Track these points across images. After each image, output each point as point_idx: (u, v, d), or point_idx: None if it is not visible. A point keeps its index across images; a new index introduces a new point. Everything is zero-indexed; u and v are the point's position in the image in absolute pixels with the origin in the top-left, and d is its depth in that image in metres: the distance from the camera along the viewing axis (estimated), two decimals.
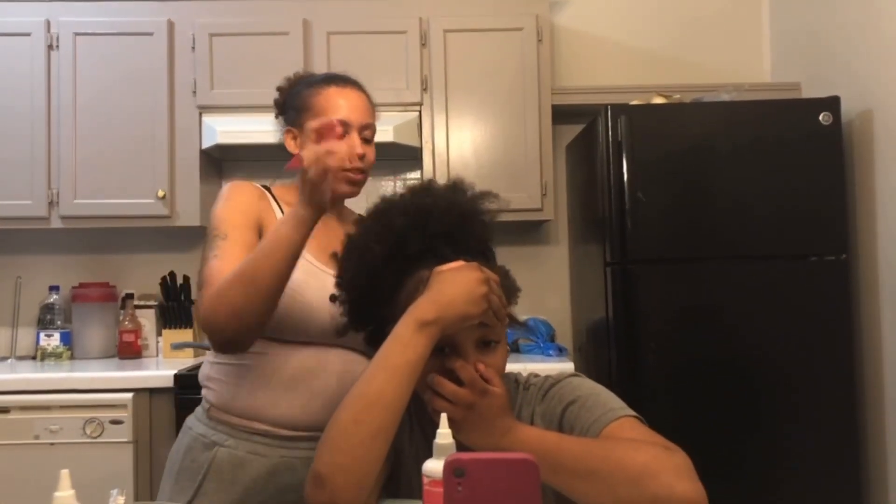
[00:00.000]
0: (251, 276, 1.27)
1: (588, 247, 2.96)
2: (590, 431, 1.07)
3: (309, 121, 1.53)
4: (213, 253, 1.39)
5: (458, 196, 1.18)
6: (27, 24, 2.98)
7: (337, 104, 1.54)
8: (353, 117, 1.54)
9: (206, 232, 1.46)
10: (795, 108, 2.67)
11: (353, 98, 1.57)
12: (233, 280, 1.28)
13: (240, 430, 1.45)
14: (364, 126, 1.56)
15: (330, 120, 1.41)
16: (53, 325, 3.17)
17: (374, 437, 1.01)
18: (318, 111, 1.54)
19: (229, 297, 1.27)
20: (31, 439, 2.55)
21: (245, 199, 1.49)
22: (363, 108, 1.58)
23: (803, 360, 2.52)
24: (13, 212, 2.95)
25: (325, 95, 1.55)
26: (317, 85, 1.58)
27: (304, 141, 1.52)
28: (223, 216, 1.45)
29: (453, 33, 3.02)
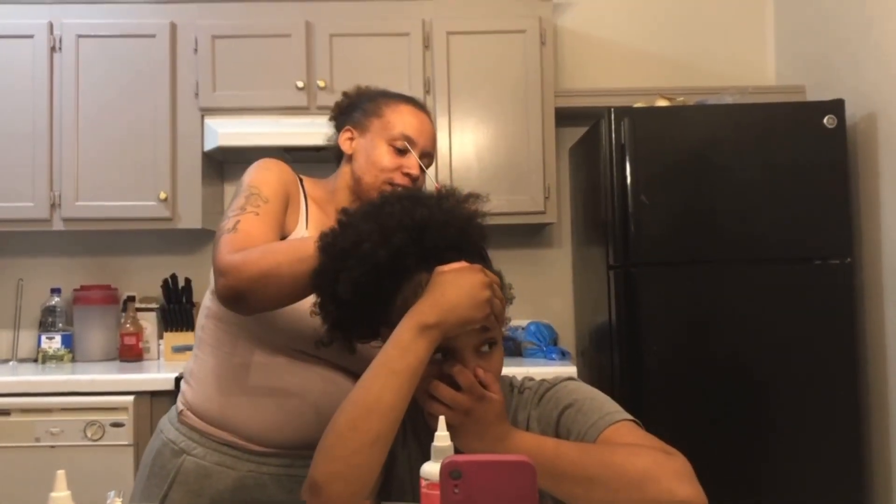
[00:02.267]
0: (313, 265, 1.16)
1: (591, 250, 2.95)
2: (587, 436, 1.06)
3: (378, 126, 1.53)
4: (254, 209, 1.34)
5: (452, 204, 1.14)
6: (30, 27, 2.98)
7: (409, 121, 1.54)
8: (421, 139, 1.54)
9: (237, 189, 1.41)
10: (799, 110, 2.65)
11: (426, 123, 1.57)
12: (287, 249, 1.24)
13: (210, 438, 1.41)
14: (428, 153, 1.56)
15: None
16: (55, 328, 3.16)
17: (372, 445, 0.99)
18: (388, 121, 1.53)
19: (274, 259, 1.21)
20: (32, 442, 2.55)
21: (285, 177, 1.45)
22: (431, 135, 1.58)
23: (807, 365, 2.51)
24: (15, 214, 2.95)
25: (400, 111, 1.55)
26: (395, 99, 1.59)
27: (364, 143, 1.53)
28: (266, 179, 1.41)
29: (456, 35, 3.02)
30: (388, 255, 1.06)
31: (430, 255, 1.07)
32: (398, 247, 1.06)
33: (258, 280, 1.20)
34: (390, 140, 1.51)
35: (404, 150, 1.51)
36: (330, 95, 2.95)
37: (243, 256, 1.23)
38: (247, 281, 1.21)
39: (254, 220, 1.32)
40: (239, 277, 1.21)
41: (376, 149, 1.52)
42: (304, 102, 2.96)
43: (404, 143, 1.51)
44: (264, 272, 1.20)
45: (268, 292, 1.22)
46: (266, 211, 1.35)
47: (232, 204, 1.37)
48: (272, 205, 1.37)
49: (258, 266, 1.21)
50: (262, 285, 1.21)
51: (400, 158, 1.51)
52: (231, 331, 1.42)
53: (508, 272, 1.20)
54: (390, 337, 1.03)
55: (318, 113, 2.95)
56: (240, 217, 1.32)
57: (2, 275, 3.30)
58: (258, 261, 1.21)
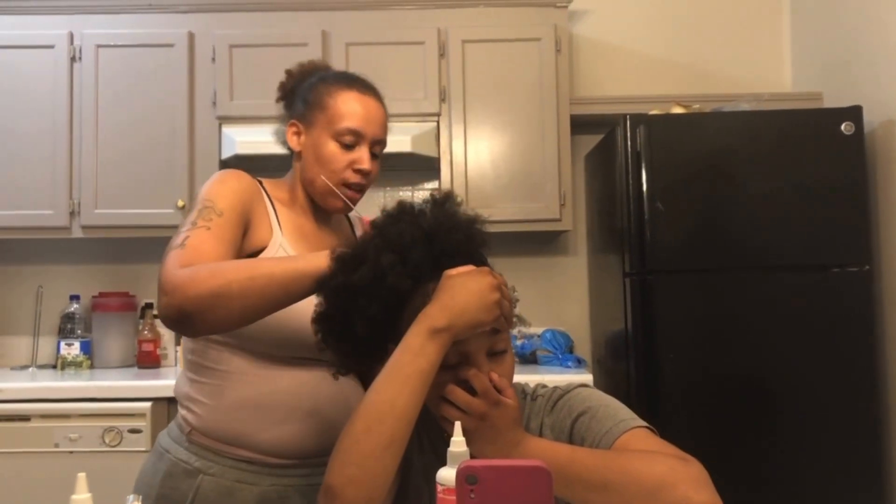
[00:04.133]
0: (262, 283, 1.13)
1: (607, 257, 2.94)
2: (601, 443, 1.06)
3: (322, 120, 1.43)
4: (205, 224, 1.25)
5: (454, 208, 1.14)
6: (51, 37, 3.02)
7: (354, 111, 1.43)
8: (369, 129, 1.44)
9: (191, 205, 1.34)
10: (817, 117, 2.64)
11: (373, 109, 1.46)
12: (238, 268, 1.16)
13: (226, 456, 1.35)
14: (376, 141, 1.46)
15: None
16: (74, 334, 3.19)
17: (386, 449, 0.99)
18: (332, 114, 1.43)
19: (224, 279, 1.13)
20: (51, 447, 2.57)
21: (242, 188, 1.37)
22: (380, 121, 1.47)
23: (825, 373, 2.49)
24: (35, 221, 2.99)
25: (343, 99, 1.44)
26: (336, 84, 1.47)
27: (310, 140, 1.44)
28: (220, 192, 1.33)
29: (471, 44, 3.03)
30: (413, 280, 1.06)
31: (439, 262, 1.07)
32: (418, 267, 1.06)
33: (205, 300, 1.12)
34: (336, 135, 1.42)
35: (353, 144, 1.42)
36: None
37: (190, 274, 1.14)
38: (193, 300, 1.12)
39: (204, 234, 1.24)
40: (184, 296, 1.12)
41: (324, 147, 1.43)
42: None
43: (352, 138, 1.42)
44: (213, 292, 1.12)
45: (216, 314, 1.13)
46: (218, 225, 1.27)
47: (184, 219, 1.29)
48: (226, 218, 1.29)
49: (205, 286, 1.12)
50: (210, 306, 1.12)
51: (350, 154, 1.42)
52: (228, 349, 1.36)
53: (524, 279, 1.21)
54: (401, 342, 1.03)
55: None
56: (190, 233, 1.24)
57: (22, 282, 3.33)
58: (206, 279, 1.13)
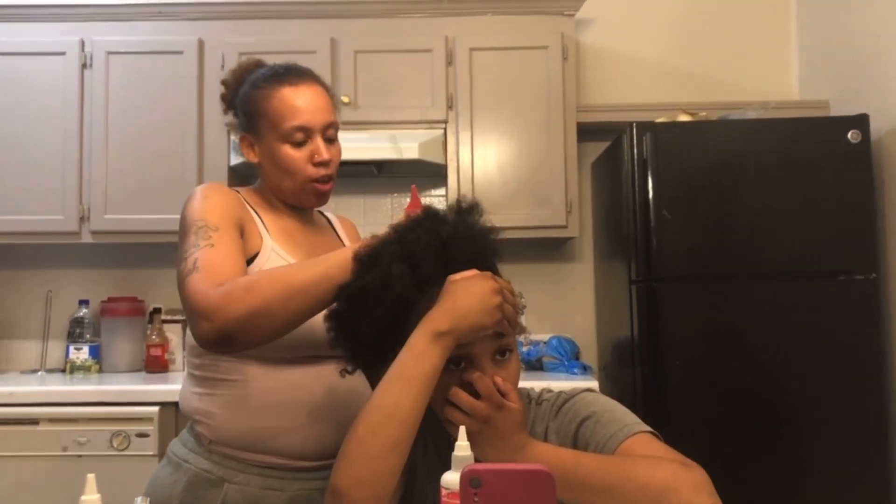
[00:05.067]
0: (302, 294, 1.14)
1: (613, 264, 2.95)
2: (605, 448, 1.06)
3: (266, 127, 1.40)
4: (207, 242, 1.24)
5: (475, 219, 1.15)
6: (62, 44, 3.05)
7: (293, 107, 1.38)
8: (314, 119, 1.39)
9: (181, 226, 1.32)
10: (824, 125, 2.64)
11: (311, 96, 1.40)
12: (272, 282, 1.15)
13: (250, 464, 1.32)
14: (326, 126, 1.42)
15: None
16: (82, 339, 3.21)
17: (392, 450, 1.01)
18: (273, 118, 1.39)
19: (259, 294, 1.13)
20: (60, 451, 2.58)
21: (226, 199, 1.36)
22: (323, 105, 1.42)
23: (831, 381, 2.48)
24: (45, 227, 3.01)
25: (278, 98, 1.39)
26: (266, 85, 1.42)
27: (264, 149, 1.42)
28: (207, 208, 1.31)
29: (479, 52, 3.04)
30: (420, 290, 1.07)
31: (449, 271, 1.08)
32: (427, 276, 1.07)
33: (247, 320, 1.13)
34: (285, 138, 1.39)
35: (304, 139, 1.39)
36: (355, 111, 2.99)
37: (225, 295, 1.14)
38: (235, 321, 1.12)
39: (211, 253, 1.22)
40: (226, 318, 1.12)
41: (277, 152, 1.40)
42: None
43: (301, 135, 1.39)
44: (254, 311, 1.12)
45: (258, 332, 1.15)
46: (220, 239, 1.25)
47: (183, 245, 1.27)
48: (224, 230, 1.28)
49: (245, 304, 1.12)
50: (253, 325, 1.13)
51: (304, 150, 1.39)
52: (240, 359, 1.34)
53: (530, 286, 1.21)
54: (405, 344, 1.05)
55: (342, 129, 2.95)
56: (196, 255, 1.22)
57: (32, 286, 3.36)
58: (244, 298, 1.13)
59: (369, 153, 2.97)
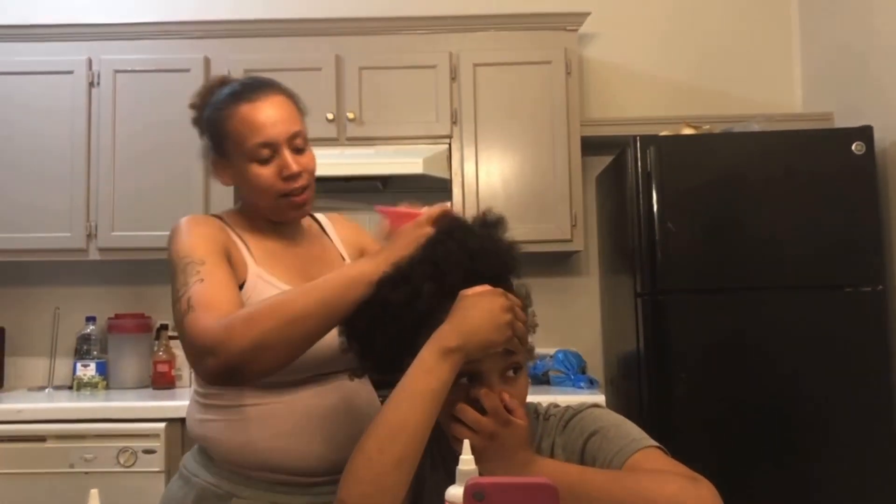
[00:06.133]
0: (293, 315, 1.14)
1: (618, 278, 2.95)
2: (612, 463, 1.06)
3: (232, 148, 1.37)
4: (196, 278, 1.23)
5: (501, 232, 1.16)
6: (70, 63, 3.08)
7: (253, 124, 1.34)
8: (276, 132, 1.35)
9: (170, 266, 1.31)
10: (827, 137, 2.65)
11: (270, 109, 1.36)
12: (267, 311, 1.15)
13: (257, 479, 1.33)
14: (294, 136, 1.37)
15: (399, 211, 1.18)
16: (90, 356, 3.22)
17: (399, 466, 1.01)
18: (235, 139, 1.36)
19: (261, 324, 1.12)
20: (67, 468, 2.58)
21: (206, 230, 1.35)
22: (285, 116, 1.37)
23: (838, 394, 2.47)
24: (53, 244, 3.03)
25: (237, 118, 1.36)
26: (225, 106, 1.39)
27: (234, 171, 1.40)
28: (193, 244, 1.30)
29: (483, 67, 3.06)
30: (442, 303, 1.07)
31: (472, 283, 1.08)
32: (453, 288, 1.07)
33: (251, 352, 1.12)
34: (251, 157, 1.35)
35: (270, 155, 1.35)
36: (360, 127, 3.01)
37: (226, 329, 1.13)
38: (239, 355, 1.12)
39: (202, 287, 1.21)
40: (230, 352, 1.12)
41: (247, 173, 1.37)
42: (334, 134, 3.02)
43: (267, 151, 1.35)
44: (256, 343, 1.12)
45: (263, 364, 1.15)
46: (209, 271, 1.24)
47: (174, 285, 1.26)
48: (211, 262, 1.26)
49: (248, 337, 1.12)
50: (257, 357, 1.13)
51: (273, 165, 1.35)
52: (242, 388, 1.35)
53: (536, 300, 1.21)
54: (414, 360, 1.05)
55: (347, 144, 3.01)
56: (188, 293, 1.21)
57: (39, 303, 3.37)
58: (245, 331, 1.12)
59: (374, 168, 2.98)
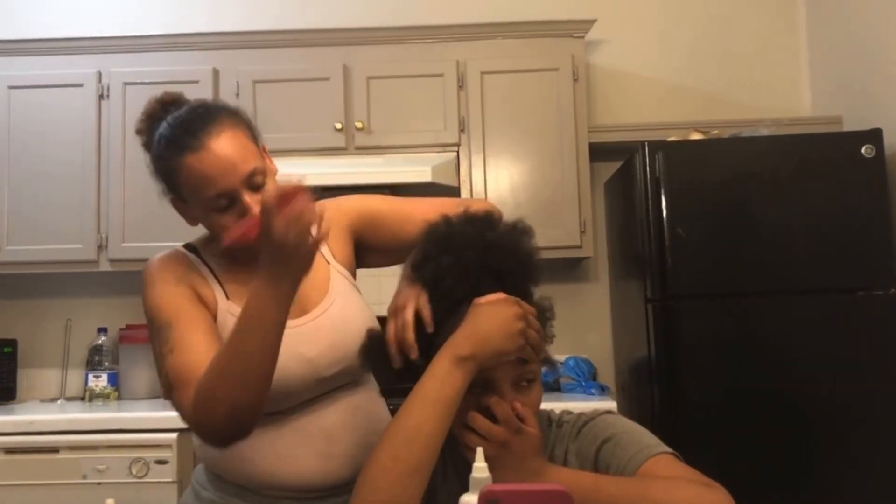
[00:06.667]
0: (239, 367, 1.13)
1: (628, 283, 2.94)
2: (626, 469, 1.05)
3: (188, 196, 1.31)
4: (167, 347, 1.23)
5: (521, 234, 1.17)
6: (80, 76, 3.10)
7: (204, 178, 1.25)
8: (230, 182, 1.24)
9: (146, 318, 1.32)
10: (837, 141, 2.64)
11: (218, 156, 1.25)
12: (218, 375, 1.14)
13: (262, 494, 1.34)
14: (249, 176, 1.26)
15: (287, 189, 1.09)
16: (101, 367, 3.23)
17: (413, 474, 1.00)
18: (189, 191, 1.29)
19: (221, 394, 1.13)
20: (80, 479, 2.59)
21: (171, 276, 1.33)
22: (236, 157, 1.26)
23: (852, 398, 2.46)
24: (64, 256, 3.05)
25: (185, 171, 1.27)
26: (169, 157, 1.30)
27: (196, 214, 1.33)
28: (157, 304, 1.29)
29: (490, 75, 3.07)
30: (468, 284, 1.09)
31: (488, 276, 1.09)
32: (468, 268, 1.09)
33: (227, 419, 1.15)
34: (209, 207, 1.28)
35: (228, 203, 1.26)
36: (368, 136, 3.02)
37: (195, 412, 1.16)
38: (220, 430, 1.17)
39: (174, 359, 1.22)
40: (211, 431, 1.18)
41: (207, 220, 1.32)
42: (343, 143, 3.03)
43: (224, 200, 1.26)
44: (226, 410, 1.14)
45: (245, 418, 1.17)
46: (178, 339, 1.23)
47: (152, 346, 1.28)
48: (178, 323, 1.25)
49: (215, 411, 1.14)
50: (234, 418, 1.15)
51: (233, 212, 1.27)
52: None
53: None
54: (427, 368, 1.05)
55: (356, 153, 3.02)
56: (165, 368, 1.23)
57: (51, 315, 3.39)
58: (208, 407, 1.14)
59: (382, 177, 2.98)
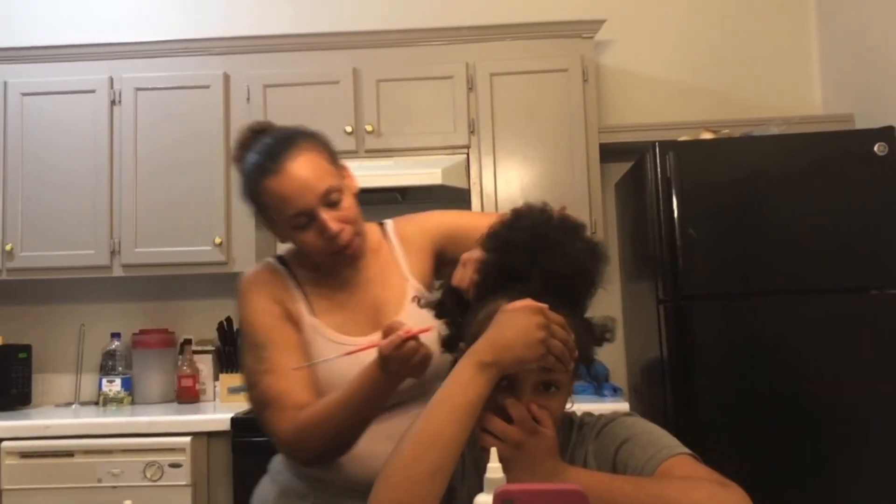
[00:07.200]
0: (336, 428, 1.30)
1: (640, 285, 2.93)
2: (644, 470, 1.05)
3: (272, 216, 1.42)
4: (263, 367, 1.37)
5: (586, 251, 1.20)
6: (92, 82, 3.12)
7: (283, 199, 1.36)
8: (307, 201, 1.35)
9: (241, 332, 1.47)
10: (849, 139, 2.62)
11: (296, 177, 1.35)
12: (316, 426, 1.30)
13: (335, 486, 1.42)
14: (325, 195, 1.37)
15: (394, 339, 1.23)
16: (115, 371, 3.25)
17: (433, 476, 1.01)
18: (272, 212, 1.41)
19: (317, 439, 1.31)
20: (95, 483, 2.61)
21: (264, 293, 1.44)
22: (313, 178, 1.36)
23: (866, 398, 2.44)
24: (77, 261, 3.07)
25: (268, 194, 1.38)
26: (254, 181, 1.40)
27: (285, 235, 1.44)
28: (252, 320, 1.42)
29: (499, 76, 3.07)
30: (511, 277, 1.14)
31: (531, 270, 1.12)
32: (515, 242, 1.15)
33: (319, 453, 1.34)
34: (291, 227, 1.39)
35: (307, 222, 1.37)
36: (378, 139, 3.03)
37: (295, 441, 1.33)
38: (313, 457, 1.35)
39: (271, 382, 1.36)
40: (305, 456, 1.35)
41: (293, 237, 1.42)
42: (353, 146, 3.03)
43: (303, 219, 1.37)
44: (317, 452, 1.34)
45: (333, 454, 1.36)
46: (273, 360, 1.37)
47: (245, 360, 1.43)
48: (272, 343, 1.39)
49: (311, 447, 1.32)
50: (325, 454, 1.35)
51: (312, 229, 1.38)
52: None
53: None
54: (451, 372, 1.06)
55: (366, 156, 3.03)
56: (261, 385, 1.37)
57: (65, 320, 3.41)
58: (308, 444, 1.32)
59: (393, 180, 2.99)
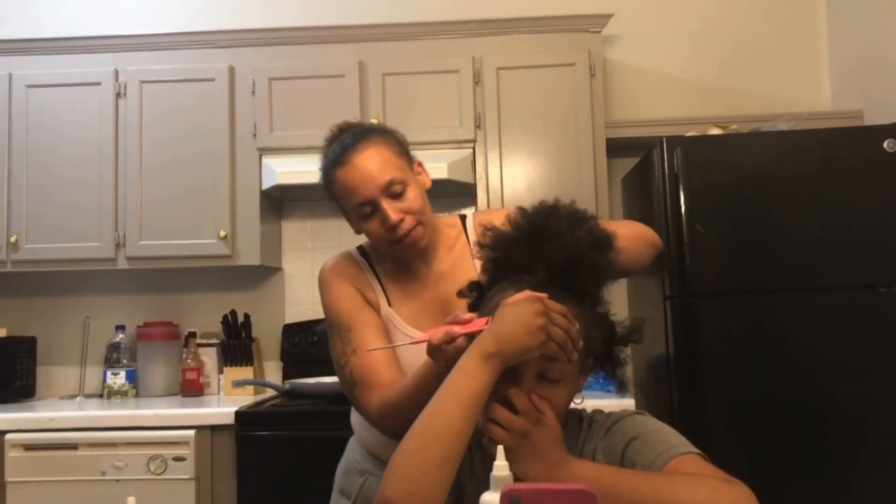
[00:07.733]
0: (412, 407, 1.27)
1: (646, 280, 2.92)
2: (652, 467, 1.05)
3: (345, 209, 1.52)
4: (349, 348, 1.45)
5: (581, 233, 1.17)
6: (97, 74, 3.12)
7: (348, 188, 1.45)
8: (369, 191, 1.44)
9: (326, 317, 1.54)
10: (858, 135, 2.60)
11: (360, 168, 1.44)
12: (397, 402, 1.33)
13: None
14: (387, 186, 1.44)
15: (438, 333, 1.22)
16: (119, 364, 3.25)
17: (441, 466, 1.02)
18: (342, 203, 1.51)
19: (399, 414, 1.31)
20: (99, 475, 2.61)
21: (343, 280, 1.53)
22: (375, 169, 1.44)
23: (873, 397, 2.43)
24: (82, 254, 3.07)
25: (337, 185, 1.48)
26: (328, 174, 1.50)
27: (358, 221, 1.51)
28: (335, 306, 1.51)
29: (506, 71, 3.05)
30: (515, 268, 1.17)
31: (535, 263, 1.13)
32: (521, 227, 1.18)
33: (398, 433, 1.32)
34: (357, 217, 1.48)
35: (371, 211, 1.45)
36: None
37: (381, 418, 1.39)
38: (393, 433, 1.31)
39: (358, 362, 1.43)
40: (388, 432, 1.38)
41: (360, 227, 1.51)
42: None
43: (367, 208, 1.45)
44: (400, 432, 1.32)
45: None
46: (358, 341, 1.45)
47: (331, 341, 1.50)
48: (356, 326, 1.47)
49: (395, 425, 1.29)
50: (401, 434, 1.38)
51: (376, 219, 1.46)
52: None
53: None
54: (456, 364, 1.07)
55: None
56: (349, 366, 1.44)
57: (69, 313, 3.41)
58: (394, 422, 1.32)
59: None
